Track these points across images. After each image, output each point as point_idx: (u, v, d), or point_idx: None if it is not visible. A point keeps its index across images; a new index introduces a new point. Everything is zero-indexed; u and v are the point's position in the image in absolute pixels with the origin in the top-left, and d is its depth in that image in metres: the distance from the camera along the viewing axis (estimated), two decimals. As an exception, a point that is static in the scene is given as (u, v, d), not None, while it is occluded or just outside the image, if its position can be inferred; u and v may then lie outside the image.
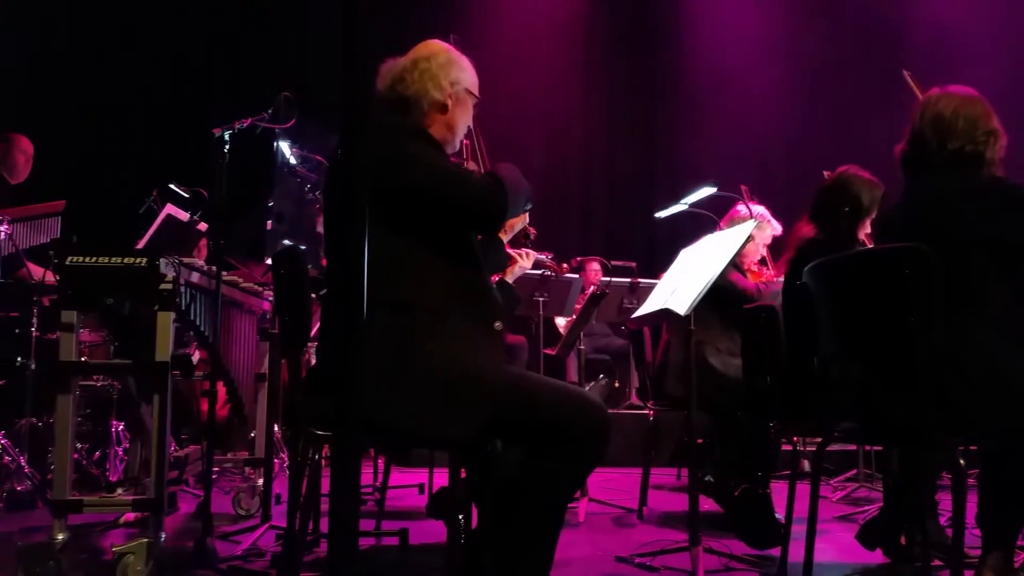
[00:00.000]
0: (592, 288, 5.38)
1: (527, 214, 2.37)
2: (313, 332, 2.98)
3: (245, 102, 3.18)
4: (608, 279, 5.20)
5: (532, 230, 2.77)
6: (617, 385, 6.68)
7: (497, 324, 1.96)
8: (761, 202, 4.15)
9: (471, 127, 2.22)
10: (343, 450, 0.99)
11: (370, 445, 3.16)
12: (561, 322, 6.06)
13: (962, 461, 1.80)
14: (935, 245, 1.86)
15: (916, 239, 1.88)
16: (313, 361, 3.55)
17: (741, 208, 3.88)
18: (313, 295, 2.35)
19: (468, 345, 1.86)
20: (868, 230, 2.91)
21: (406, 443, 2.31)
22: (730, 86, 7.63)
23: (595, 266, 6.27)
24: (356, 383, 0.98)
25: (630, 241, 7.50)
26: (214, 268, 2.76)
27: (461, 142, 2.22)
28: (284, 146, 3.13)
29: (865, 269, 2.05)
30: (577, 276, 5.66)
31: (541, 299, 5.36)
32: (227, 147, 2.76)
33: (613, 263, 5.73)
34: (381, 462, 3.68)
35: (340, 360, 0.98)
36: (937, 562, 2.58)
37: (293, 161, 3.16)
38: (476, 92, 2.10)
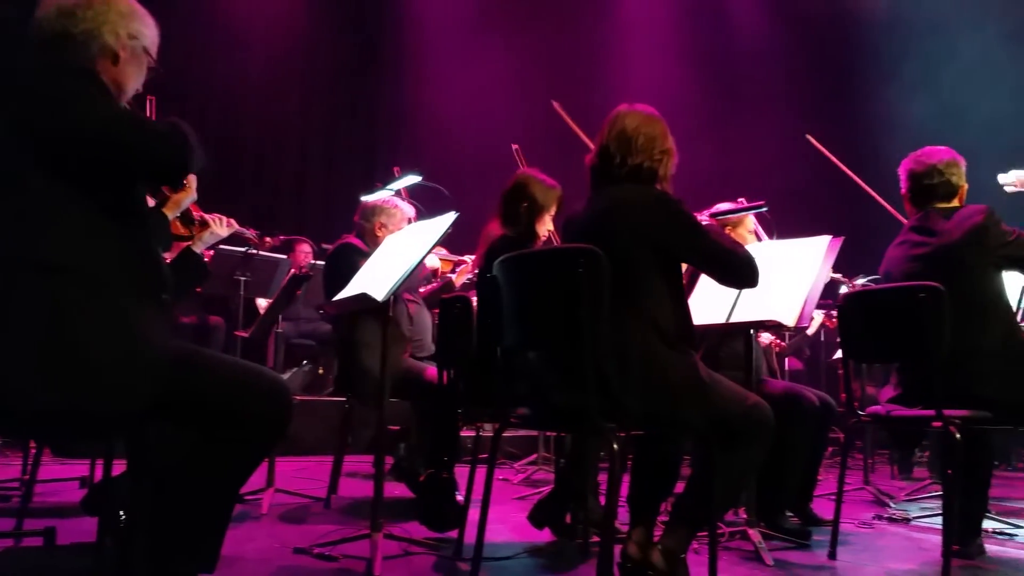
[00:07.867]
0: (296, 270, 5.20)
1: (194, 188, 2.22)
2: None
3: None
4: (316, 262, 5.04)
5: (204, 214, 2.59)
6: (322, 372, 6.53)
7: (164, 296, 1.78)
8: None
9: None
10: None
11: (28, 435, 2.74)
12: (263, 303, 5.79)
13: (616, 445, 1.97)
14: (609, 248, 2.02)
15: (593, 242, 2.04)
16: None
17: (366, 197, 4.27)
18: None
19: (130, 317, 1.66)
20: (549, 226, 3.19)
21: (50, 425, 2.00)
22: (453, 75, 7.83)
23: (305, 248, 6.07)
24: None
25: (347, 225, 7.40)
26: None
27: None
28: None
29: (545, 265, 2.17)
30: (285, 257, 5.44)
31: (243, 279, 5.07)
32: None
33: (324, 245, 5.57)
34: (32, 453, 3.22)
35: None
36: (596, 538, 2.82)
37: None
38: (154, 55, 1.93)
